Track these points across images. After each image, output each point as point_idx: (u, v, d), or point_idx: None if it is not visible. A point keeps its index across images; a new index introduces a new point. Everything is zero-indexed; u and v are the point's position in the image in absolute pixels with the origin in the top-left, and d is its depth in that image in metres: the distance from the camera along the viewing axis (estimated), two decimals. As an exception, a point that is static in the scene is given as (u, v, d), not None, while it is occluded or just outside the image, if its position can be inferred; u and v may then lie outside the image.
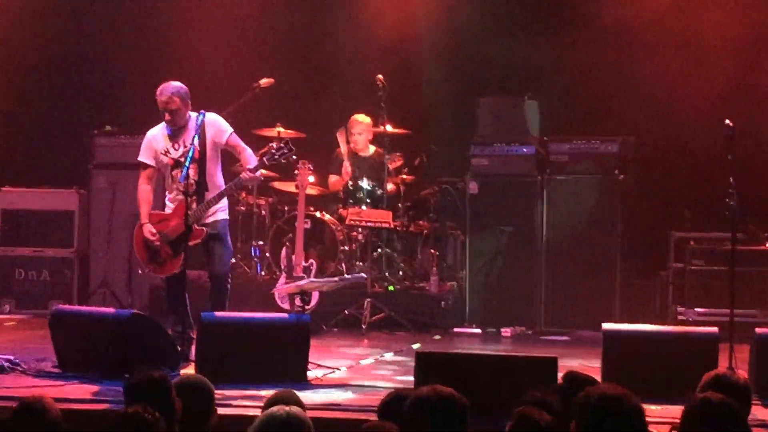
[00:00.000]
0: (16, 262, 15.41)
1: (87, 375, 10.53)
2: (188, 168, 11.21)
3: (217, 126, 11.50)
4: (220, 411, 7.76)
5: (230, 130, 11.54)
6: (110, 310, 13.05)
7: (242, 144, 11.58)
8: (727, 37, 15.13)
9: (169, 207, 11.53)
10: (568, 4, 15.70)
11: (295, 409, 5.90)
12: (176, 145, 11.43)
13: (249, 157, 11.48)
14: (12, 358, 11.09)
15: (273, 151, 11.60)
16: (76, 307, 13.48)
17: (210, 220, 11.38)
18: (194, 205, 11.19)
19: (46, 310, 12.67)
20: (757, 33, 15.35)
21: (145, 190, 11.74)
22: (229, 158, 11.94)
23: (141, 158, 11.69)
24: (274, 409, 5.92)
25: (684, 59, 15.25)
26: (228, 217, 11.86)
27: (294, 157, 11.85)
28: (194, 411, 6.69)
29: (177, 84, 11.46)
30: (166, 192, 11.59)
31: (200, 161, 11.29)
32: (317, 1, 16.49)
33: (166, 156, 11.44)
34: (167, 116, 11.38)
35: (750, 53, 15.38)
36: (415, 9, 15.72)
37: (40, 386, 9.94)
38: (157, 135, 11.55)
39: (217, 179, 11.48)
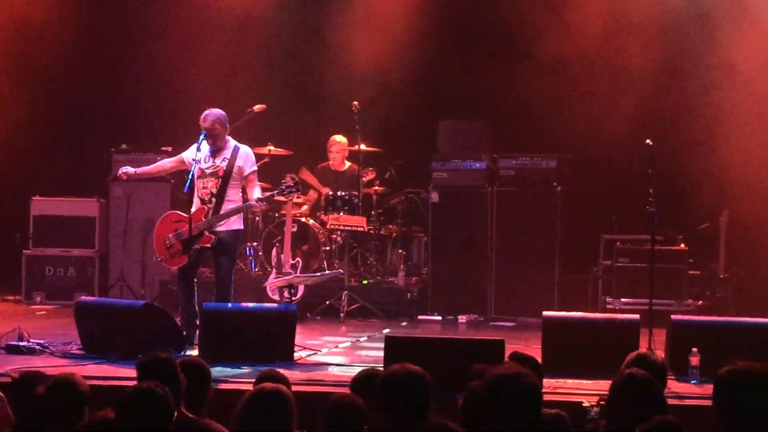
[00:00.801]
0: (46, 260, 15.37)
1: (106, 356, 10.60)
2: (191, 180, 11.29)
3: (247, 160, 11.59)
4: (221, 386, 7.82)
5: (255, 168, 11.70)
6: (126, 301, 13.10)
7: (256, 181, 11.71)
8: (646, 67, 15.19)
9: (196, 204, 11.50)
10: (514, 39, 15.66)
11: (281, 385, 5.93)
12: (208, 161, 11.46)
13: (255, 191, 11.59)
14: (42, 341, 11.17)
15: (283, 188, 11.86)
16: (96, 299, 13.49)
17: (222, 228, 11.39)
18: (210, 215, 11.27)
19: (71, 301, 12.62)
20: (669, 63, 15.43)
21: (161, 161, 12.37)
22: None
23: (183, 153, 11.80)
24: (263, 384, 5.95)
25: (610, 86, 15.29)
26: (241, 227, 11.96)
27: (296, 192, 12.30)
28: (193, 387, 6.69)
29: (218, 111, 11.51)
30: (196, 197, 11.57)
31: (223, 180, 11.37)
32: (303, 37, 16.42)
33: (198, 163, 11.41)
34: (209, 138, 11.38)
35: (664, 80, 15.44)
36: (385, 45, 15.68)
37: (66, 366, 9.96)
38: (199, 146, 11.47)
39: (233, 198, 11.51)
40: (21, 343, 10.93)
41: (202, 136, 11.40)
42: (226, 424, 6.03)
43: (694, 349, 10.07)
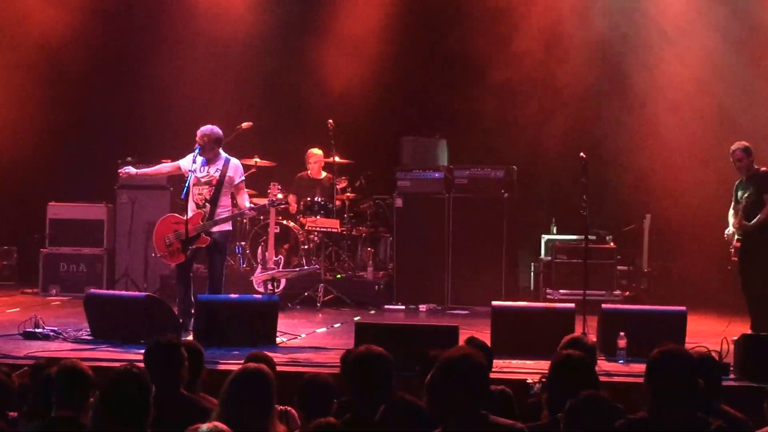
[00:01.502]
0: (60, 258, 15.29)
1: (112, 341, 10.58)
2: (188, 187, 11.30)
3: (236, 170, 11.58)
4: (211, 367, 7.78)
5: (243, 178, 11.70)
6: (130, 293, 13.03)
7: (244, 189, 11.71)
8: (577, 87, 15.29)
9: (191, 209, 11.45)
10: (467, 66, 15.74)
11: (261, 365, 5.93)
12: (203, 170, 11.42)
13: (244, 200, 11.62)
14: (56, 328, 11.13)
15: (273, 200, 12.29)
16: (104, 291, 13.40)
17: (216, 230, 11.38)
18: (206, 219, 11.28)
19: (82, 293, 12.53)
20: (597, 83, 15.50)
21: (159, 165, 12.44)
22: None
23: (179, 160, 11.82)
24: (247, 364, 5.96)
25: (548, 105, 15.39)
26: (231, 229, 12.01)
27: (283, 205, 12.94)
28: (189, 367, 6.66)
29: (208, 127, 11.53)
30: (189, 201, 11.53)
31: (216, 188, 11.38)
32: (286, 62, 16.42)
33: (193, 173, 11.39)
34: (201, 150, 11.40)
35: (593, 99, 15.52)
36: (357, 70, 15.71)
37: (77, 350, 9.94)
38: (195, 157, 11.42)
39: (224, 203, 11.50)
40: (37, 330, 10.89)
41: (197, 149, 11.39)
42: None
43: (621, 333, 10.11)
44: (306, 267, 14.13)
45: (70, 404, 6.00)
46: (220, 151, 11.57)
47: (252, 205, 11.82)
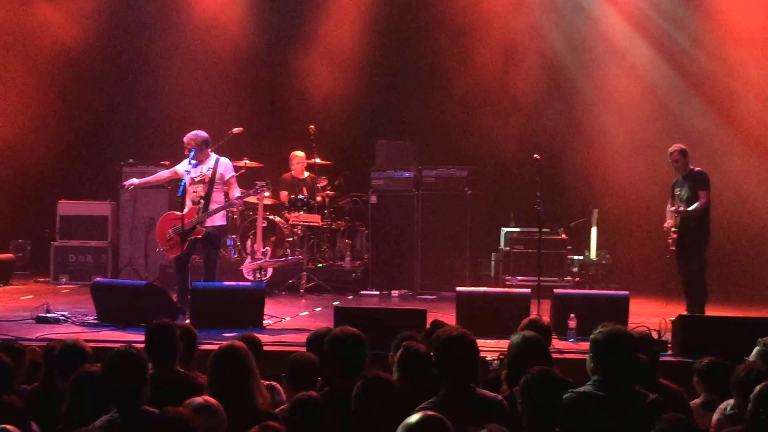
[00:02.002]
0: (69, 250, 15.24)
1: (116, 325, 10.54)
2: (183, 186, 11.30)
3: (226, 168, 11.59)
4: (205, 347, 7.77)
5: (233, 174, 11.72)
6: (132, 281, 13.02)
7: (236, 184, 11.72)
8: (531, 93, 15.37)
9: (187, 206, 11.43)
10: (433, 76, 15.78)
11: (236, 342, 5.99)
12: (196, 171, 11.41)
13: (235, 192, 11.64)
14: (66, 313, 11.09)
15: (257, 188, 12.11)
16: (109, 280, 13.39)
17: (209, 224, 11.38)
18: (200, 212, 11.27)
19: (89, 281, 12.52)
20: (548, 89, 15.59)
21: (158, 173, 12.32)
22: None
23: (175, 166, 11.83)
24: (223, 343, 6.04)
25: (505, 110, 15.42)
26: (224, 223, 12.01)
27: (267, 193, 12.80)
28: (185, 347, 6.67)
29: (197, 132, 11.55)
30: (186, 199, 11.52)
31: (209, 185, 11.37)
32: (272, 74, 16.39)
33: (188, 173, 11.40)
34: (194, 152, 11.42)
35: (545, 104, 15.58)
36: (335, 80, 15.71)
37: (84, 332, 9.90)
38: (190, 161, 11.45)
39: (217, 199, 11.49)
40: (48, 315, 10.86)
41: (192, 153, 11.40)
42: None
43: (572, 315, 10.17)
44: (290, 257, 14.13)
45: (66, 376, 6.01)
46: (210, 152, 11.59)
47: (239, 194, 11.79)
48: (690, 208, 11.54)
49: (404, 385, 5.61)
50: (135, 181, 12.18)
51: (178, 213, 11.46)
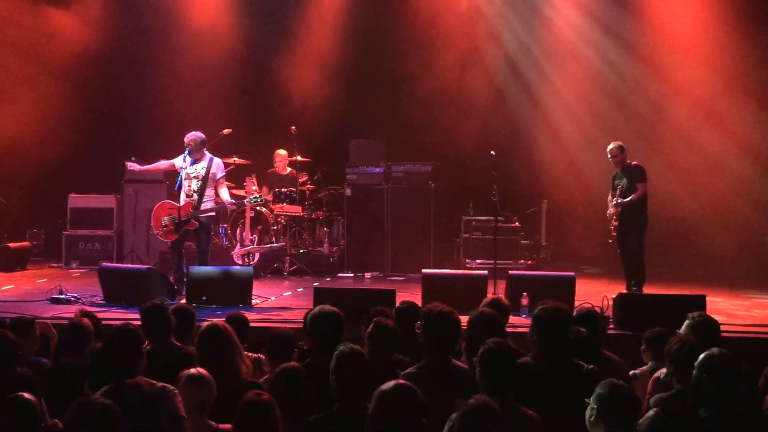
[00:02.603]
0: (79, 238, 15.14)
1: (120, 304, 10.52)
2: (180, 181, 11.24)
3: (219, 167, 11.55)
4: (198, 324, 7.69)
5: (224, 174, 11.70)
6: (135, 266, 12.92)
7: (224, 183, 11.71)
8: (486, 94, 15.36)
9: (183, 200, 11.42)
10: (399, 80, 15.71)
11: (216, 320, 5.97)
12: (192, 168, 11.37)
13: (225, 193, 11.62)
14: (76, 294, 11.03)
15: (251, 198, 12.14)
16: (114, 264, 13.27)
17: (202, 216, 11.35)
18: (197, 207, 11.31)
19: (96, 266, 12.40)
20: (501, 89, 15.59)
21: (159, 162, 12.08)
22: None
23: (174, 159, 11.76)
24: (206, 321, 6.00)
25: (463, 110, 15.42)
26: (214, 214, 12.02)
27: (261, 203, 12.79)
28: (182, 324, 6.63)
29: (195, 133, 11.50)
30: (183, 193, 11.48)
31: (202, 181, 11.33)
32: (257, 78, 16.31)
33: (184, 169, 11.34)
34: (189, 150, 11.35)
35: (503, 104, 15.57)
36: (314, 84, 15.66)
37: (92, 311, 9.78)
38: (185, 157, 11.40)
39: (209, 194, 11.45)
40: (61, 296, 10.83)
41: (187, 150, 11.34)
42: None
43: (525, 294, 10.18)
44: (275, 244, 14.06)
45: (70, 352, 5.97)
46: (205, 151, 11.50)
47: (233, 201, 11.86)
48: (627, 200, 11.55)
49: (373, 357, 5.57)
50: (136, 166, 12.19)
51: (175, 203, 11.42)
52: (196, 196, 11.33)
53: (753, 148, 14.88)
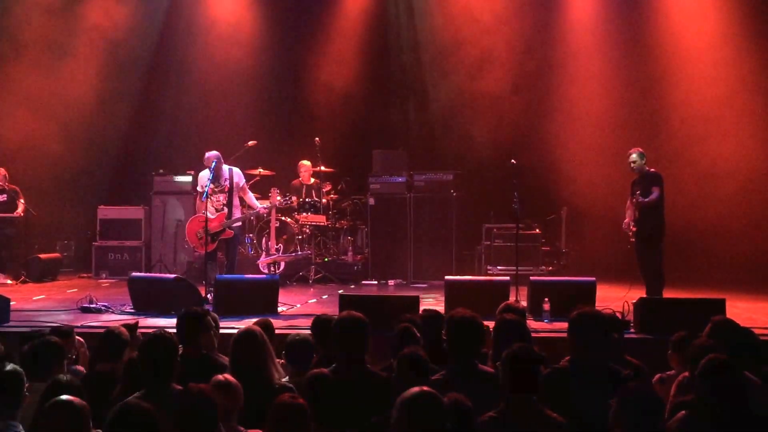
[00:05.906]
0: (108, 249, 15.21)
1: (150, 313, 10.51)
2: (207, 192, 11.39)
3: (239, 176, 11.96)
4: (228, 332, 7.70)
5: (244, 181, 12.07)
6: (163, 275, 12.96)
7: (248, 189, 12.08)
8: (512, 102, 15.28)
9: (211, 212, 11.60)
10: (416, 93, 15.72)
11: (252, 326, 5.96)
12: (216, 183, 11.66)
13: (252, 198, 12.08)
14: (106, 303, 11.05)
15: (281, 200, 12.64)
16: (143, 274, 13.30)
17: (234, 226, 11.56)
18: (230, 217, 11.60)
19: (126, 276, 12.46)
20: (532, 100, 15.47)
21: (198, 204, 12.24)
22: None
23: (198, 187, 12.01)
24: (243, 327, 5.99)
25: (486, 121, 15.36)
26: (241, 224, 12.28)
27: (289, 204, 13.13)
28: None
29: (211, 153, 11.75)
30: (209, 206, 11.63)
31: (228, 193, 11.63)
32: (281, 92, 16.40)
33: (210, 182, 11.53)
34: (213, 168, 11.58)
35: (525, 114, 15.49)
36: (338, 97, 15.72)
37: (122, 320, 9.83)
38: (205, 174, 11.63)
39: (236, 203, 11.80)
40: (91, 305, 10.86)
41: (212, 168, 11.58)
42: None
43: (546, 299, 10.14)
44: (300, 253, 14.08)
45: (106, 359, 5.98)
46: (222, 165, 11.80)
47: (265, 206, 12.23)
48: (645, 200, 11.52)
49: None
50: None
51: (209, 215, 11.60)
52: (226, 210, 11.71)
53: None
